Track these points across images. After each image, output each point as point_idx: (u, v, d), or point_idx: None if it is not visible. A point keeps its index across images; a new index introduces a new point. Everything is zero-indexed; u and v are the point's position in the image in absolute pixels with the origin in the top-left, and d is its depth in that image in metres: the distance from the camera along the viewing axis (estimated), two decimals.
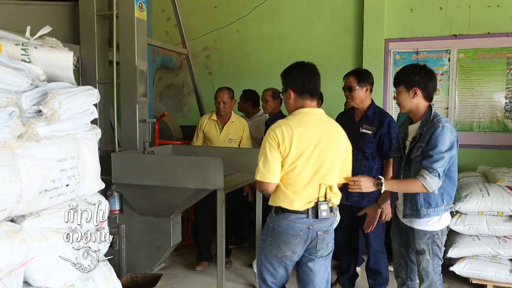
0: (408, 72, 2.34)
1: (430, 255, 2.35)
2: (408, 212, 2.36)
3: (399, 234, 2.56)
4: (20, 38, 2.00)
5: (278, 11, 5.29)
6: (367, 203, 3.05)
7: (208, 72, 5.66)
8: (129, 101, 3.17)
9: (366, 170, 3.04)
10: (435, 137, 2.20)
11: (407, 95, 2.34)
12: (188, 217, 4.53)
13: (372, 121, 3.08)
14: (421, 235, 2.35)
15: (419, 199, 2.30)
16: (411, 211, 2.35)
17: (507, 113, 4.64)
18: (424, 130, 2.28)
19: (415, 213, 2.33)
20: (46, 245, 1.88)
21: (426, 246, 2.35)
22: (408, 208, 2.36)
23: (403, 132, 2.48)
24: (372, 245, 3.20)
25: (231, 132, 3.88)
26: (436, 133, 2.20)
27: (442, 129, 2.20)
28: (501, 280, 3.37)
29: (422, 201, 2.30)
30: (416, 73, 2.32)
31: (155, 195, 2.92)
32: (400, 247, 2.58)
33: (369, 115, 3.11)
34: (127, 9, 3.11)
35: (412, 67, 2.38)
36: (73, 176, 2.02)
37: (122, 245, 3.15)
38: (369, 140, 3.06)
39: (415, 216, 2.33)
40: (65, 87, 2.02)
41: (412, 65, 2.43)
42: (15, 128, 1.73)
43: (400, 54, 4.90)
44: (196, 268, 3.87)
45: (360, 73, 3.14)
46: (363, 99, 3.09)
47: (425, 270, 2.38)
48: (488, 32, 4.60)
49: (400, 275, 2.63)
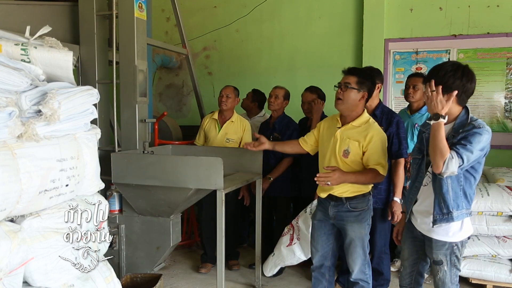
0: (449, 73, 2.09)
1: (448, 266, 2.20)
2: (438, 216, 2.14)
3: (411, 242, 2.38)
4: (19, 38, 2.00)
5: (278, 11, 5.30)
6: (374, 204, 3.00)
7: (208, 72, 5.66)
8: (129, 101, 3.17)
9: None
10: (472, 133, 2.03)
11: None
12: (188, 217, 4.53)
13: (380, 121, 3.02)
14: (440, 246, 2.19)
15: (449, 201, 2.12)
16: (441, 215, 2.14)
17: (507, 113, 4.64)
18: (459, 133, 2.09)
19: (447, 216, 2.13)
20: (46, 245, 1.88)
21: (445, 257, 2.19)
22: (437, 212, 2.15)
23: (428, 132, 2.23)
24: (377, 245, 3.19)
25: (230, 131, 3.87)
26: (475, 130, 2.03)
27: (482, 130, 2.04)
28: (501, 280, 3.37)
29: (452, 203, 2.12)
30: (458, 77, 2.08)
31: (155, 195, 2.92)
32: (411, 256, 2.40)
33: (377, 114, 3.07)
34: (127, 9, 3.11)
35: (455, 68, 2.11)
36: (72, 176, 2.02)
37: (121, 245, 3.15)
38: None
39: (446, 220, 2.13)
40: (64, 87, 2.02)
41: (453, 65, 2.14)
42: (14, 128, 1.73)
43: (400, 54, 4.90)
44: (200, 271, 3.87)
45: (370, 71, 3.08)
46: (372, 97, 2.99)
47: (441, 280, 2.23)
48: (487, 32, 4.61)
49: (404, 284, 2.48)
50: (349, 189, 2.62)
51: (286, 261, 3.56)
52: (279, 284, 3.66)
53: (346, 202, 2.63)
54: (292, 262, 3.55)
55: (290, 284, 3.67)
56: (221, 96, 3.88)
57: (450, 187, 2.12)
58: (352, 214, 2.64)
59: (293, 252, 3.49)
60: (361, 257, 2.68)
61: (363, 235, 2.66)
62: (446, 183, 2.11)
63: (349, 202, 2.63)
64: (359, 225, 2.64)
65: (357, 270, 2.69)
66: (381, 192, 3.10)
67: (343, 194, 2.63)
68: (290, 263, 3.57)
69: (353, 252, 2.66)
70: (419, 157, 2.30)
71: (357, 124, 2.62)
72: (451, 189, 2.12)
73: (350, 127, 2.63)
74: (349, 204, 2.63)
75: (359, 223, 2.64)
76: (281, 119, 3.89)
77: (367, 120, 2.65)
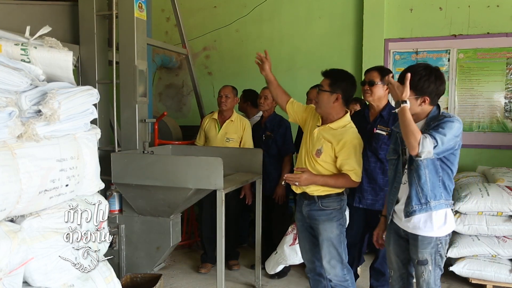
0: (422, 78, 2.13)
1: (432, 265, 2.19)
2: (416, 207, 2.17)
3: (396, 243, 2.36)
4: (19, 38, 2.00)
5: (277, 11, 5.30)
6: (380, 207, 2.96)
7: (207, 72, 5.66)
8: (129, 101, 3.17)
9: (380, 172, 2.95)
10: (443, 121, 2.08)
11: (414, 102, 2.14)
12: (188, 217, 4.53)
13: (387, 122, 2.97)
14: (425, 244, 2.18)
15: (427, 191, 2.14)
16: (419, 205, 2.16)
17: (507, 113, 4.64)
18: (430, 125, 2.12)
19: (425, 206, 2.15)
20: (46, 245, 1.88)
21: (430, 256, 2.18)
22: (415, 202, 2.17)
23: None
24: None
25: (230, 131, 3.88)
26: (446, 119, 2.09)
27: (453, 118, 2.10)
28: (501, 280, 3.37)
29: (430, 193, 2.14)
30: (431, 81, 2.13)
31: (155, 195, 2.92)
32: (397, 258, 2.37)
33: (384, 115, 3.01)
34: (127, 9, 3.10)
35: (427, 72, 2.14)
36: (72, 176, 2.02)
37: (121, 245, 3.15)
38: (383, 141, 2.93)
39: (424, 210, 2.15)
40: (64, 87, 2.02)
41: (425, 68, 2.17)
42: (14, 128, 1.73)
43: (400, 54, 4.90)
44: (200, 271, 3.87)
45: (385, 70, 3.06)
46: (381, 97, 3.00)
47: (426, 282, 2.20)
48: (487, 32, 4.61)
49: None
50: (321, 187, 2.61)
51: (289, 261, 3.54)
52: (279, 284, 3.66)
53: (318, 200, 2.62)
54: (294, 262, 3.54)
55: (290, 284, 3.67)
56: (220, 96, 3.89)
57: (428, 177, 2.14)
58: (323, 213, 2.62)
59: (296, 252, 3.46)
60: (336, 258, 2.62)
61: (335, 234, 2.62)
62: (424, 173, 2.14)
63: (321, 200, 2.62)
64: (330, 224, 2.61)
65: (333, 274, 2.64)
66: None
67: (315, 192, 2.62)
68: (292, 262, 3.55)
69: (326, 253, 2.63)
70: (395, 158, 2.30)
71: (334, 126, 2.62)
72: (428, 180, 2.14)
73: (327, 128, 2.63)
74: (321, 203, 2.62)
75: (330, 222, 2.61)
76: (272, 118, 3.93)
77: (345, 124, 2.64)
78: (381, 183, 2.98)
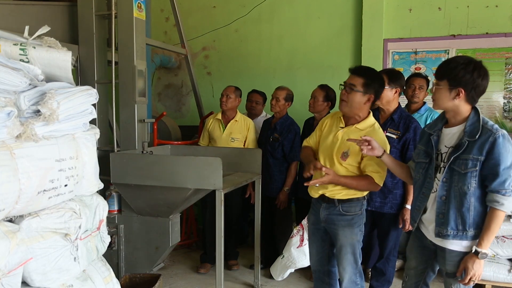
0: (459, 66, 1.93)
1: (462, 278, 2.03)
2: (451, 232, 1.99)
3: (420, 251, 2.22)
4: (18, 38, 1.99)
5: (276, 11, 5.29)
6: (389, 209, 2.98)
7: (207, 72, 5.65)
8: (128, 101, 3.17)
9: (389, 175, 2.79)
10: (497, 151, 1.87)
11: (447, 94, 1.96)
12: (187, 217, 4.53)
13: (398, 125, 2.95)
14: (454, 256, 2.03)
15: (467, 219, 1.95)
16: (455, 231, 1.99)
17: (506, 113, 4.64)
18: (473, 138, 1.92)
19: (461, 234, 1.98)
20: (45, 245, 1.88)
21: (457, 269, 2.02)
22: (451, 227, 1.99)
23: (437, 135, 2.10)
24: (387, 247, 3.13)
25: (234, 131, 3.90)
26: (498, 145, 1.87)
27: (503, 140, 1.88)
28: (500, 280, 3.38)
29: (471, 221, 1.96)
30: (468, 71, 1.92)
31: (154, 195, 2.92)
32: (418, 266, 2.25)
33: (395, 118, 2.98)
34: (126, 9, 3.11)
35: (466, 62, 1.95)
36: (71, 176, 2.02)
37: (120, 245, 3.15)
38: (392, 144, 2.87)
39: (459, 238, 1.98)
40: (63, 87, 2.01)
41: (467, 59, 1.97)
42: (13, 128, 1.73)
43: (399, 54, 4.90)
44: (199, 271, 3.87)
45: (392, 73, 3.03)
46: (390, 101, 2.97)
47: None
48: (486, 32, 4.61)
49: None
50: (342, 190, 2.49)
51: (298, 263, 3.46)
52: (278, 284, 3.66)
53: (339, 204, 2.50)
54: (303, 264, 3.45)
55: (289, 284, 3.67)
56: (222, 96, 3.92)
57: (473, 206, 1.96)
58: (344, 218, 2.51)
59: (304, 254, 3.39)
60: (352, 265, 2.54)
61: (355, 241, 2.53)
62: (468, 201, 1.96)
63: (341, 205, 2.50)
64: (350, 230, 2.51)
65: (347, 279, 2.56)
66: (397, 197, 3.03)
67: (336, 195, 2.50)
68: (302, 265, 3.47)
69: (344, 259, 2.54)
70: (426, 161, 2.12)
71: (361, 127, 2.49)
72: (473, 208, 1.97)
73: (354, 129, 2.49)
74: (341, 207, 2.50)
75: (351, 228, 2.51)
76: (284, 120, 3.87)
77: (372, 124, 2.52)
78: (390, 185, 2.97)
